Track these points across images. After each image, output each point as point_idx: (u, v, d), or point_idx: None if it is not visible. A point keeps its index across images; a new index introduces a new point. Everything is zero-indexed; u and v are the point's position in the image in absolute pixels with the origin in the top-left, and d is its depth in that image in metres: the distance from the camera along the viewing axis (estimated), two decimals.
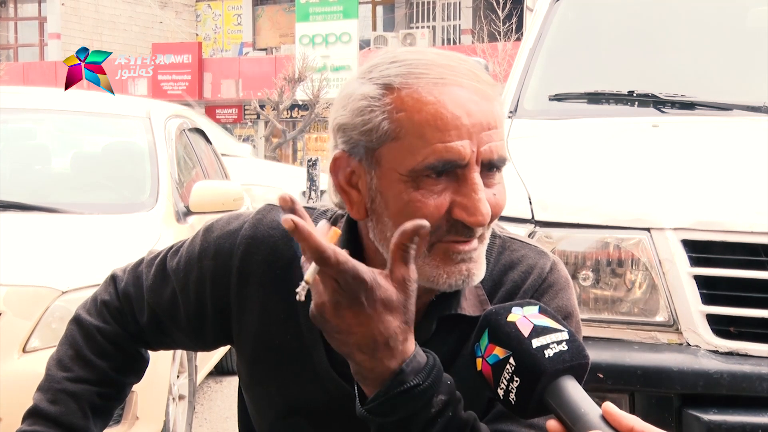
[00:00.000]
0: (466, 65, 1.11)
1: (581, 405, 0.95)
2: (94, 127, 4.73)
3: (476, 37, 21.69)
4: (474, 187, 1.06)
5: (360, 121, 1.09)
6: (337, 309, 0.99)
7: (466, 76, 1.09)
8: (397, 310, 1.00)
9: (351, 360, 1.02)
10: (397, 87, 1.08)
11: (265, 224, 1.25)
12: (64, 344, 1.36)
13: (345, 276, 0.97)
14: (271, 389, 1.26)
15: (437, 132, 1.05)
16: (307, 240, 0.95)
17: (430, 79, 1.07)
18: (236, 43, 27.10)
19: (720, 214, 2.20)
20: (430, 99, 1.06)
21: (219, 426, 4.49)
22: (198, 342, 1.35)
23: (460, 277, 1.09)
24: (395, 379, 1.01)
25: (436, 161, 1.05)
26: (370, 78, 1.10)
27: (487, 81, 1.10)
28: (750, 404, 2.11)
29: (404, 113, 1.07)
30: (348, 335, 1.00)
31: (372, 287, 0.98)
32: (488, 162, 1.08)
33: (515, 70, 3.33)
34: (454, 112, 1.06)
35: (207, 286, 1.26)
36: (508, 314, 1.02)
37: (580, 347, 1.00)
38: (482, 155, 1.07)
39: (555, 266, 1.23)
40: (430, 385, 1.02)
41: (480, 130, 1.06)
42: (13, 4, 27.59)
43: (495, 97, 1.10)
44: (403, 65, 1.09)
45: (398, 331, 1.01)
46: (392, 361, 1.01)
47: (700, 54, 3.30)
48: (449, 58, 1.11)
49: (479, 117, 1.07)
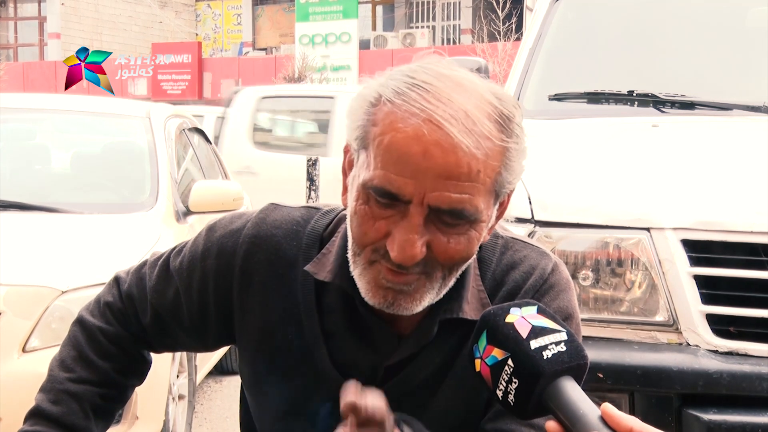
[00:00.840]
0: (471, 108, 1.05)
1: (580, 406, 0.95)
2: (94, 127, 4.73)
3: (476, 36, 21.69)
4: (406, 226, 1.05)
5: (354, 116, 1.12)
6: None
7: (455, 120, 1.04)
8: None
9: None
10: (384, 101, 1.08)
11: (268, 223, 1.25)
12: (67, 345, 1.36)
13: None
14: (273, 389, 1.26)
15: (389, 160, 1.05)
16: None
17: (413, 108, 1.05)
18: (236, 42, 27.10)
19: (720, 214, 2.20)
20: (399, 126, 1.05)
21: (219, 426, 4.49)
22: (201, 342, 1.35)
23: (384, 302, 1.10)
24: None
25: (377, 186, 1.06)
26: (380, 82, 1.11)
27: (486, 135, 1.06)
28: (750, 404, 2.11)
29: (376, 128, 1.07)
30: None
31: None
32: (436, 209, 1.05)
33: (515, 70, 3.33)
34: (412, 149, 1.04)
35: (210, 286, 1.27)
36: (507, 315, 1.02)
37: (579, 348, 1.00)
38: (428, 200, 1.05)
39: (556, 267, 1.23)
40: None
41: (435, 176, 1.04)
42: (13, 3, 27.58)
43: (476, 153, 1.04)
44: (407, 83, 1.07)
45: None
46: None
47: (700, 54, 3.30)
48: (458, 92, 1.06)
49: (438, 163, 1.03)
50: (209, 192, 4.16)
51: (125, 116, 4.61)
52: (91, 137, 4.85)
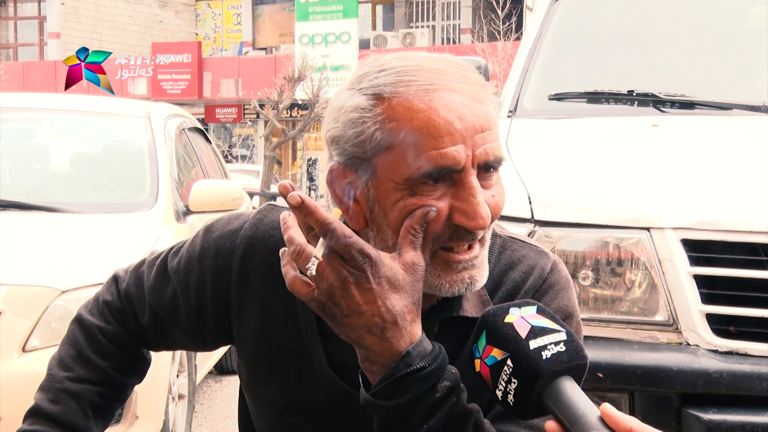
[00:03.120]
0: (456, 67, 1.10)
1: (579, 406, 0.95)
2: (94, 127, 4.73)
3: (476, 36, 21.69)
4: (472, 191, 1.06)
5: (353, 133, 1.08)
6: (345, 288, 1.00)
7: (456, 79, 1.08)
8: (404, 289, 1.02)
9: (360, 345, 1.03)
10: (388, 96, 1.07)
11: (266, 224, 1.25)
12: (66, 344, 1.36)
13: (351, 250, 0.98)
14: (271, 389, 1.26)
15: (430, 139, 1.05)
16: (313, 213, 0.98)
17: (420, 86, 1.06)
18: (236, 42, 27.10)
19: (720, 214, 2.20)
20: (420, 106, 1.05)
21: (219, 425, 4.49)
22: (199, 342, 1.35)
23: (462, 285, 1.10)
24: (402, 361, 1.02)
25: (432, 168, 1.05)
26: (359, 89, 1.09)
27: (477, 82, 1.10)
28: (750, 404, 2.11)
29: (396, 122, 1.06)
30: (358, 317, 1.01)
31: (377, 263, 1.00)
32: (484, 164, 1.07)
33: (515, 70, 3.33)
34: (446, 118, 1.05)
35: (207, 286, 1.27)
36: (506, 315, 1.02)
37: (579, 348, 1.00)
38: (478, 158, 1.06)
39: (556, 266, 1.23)
40: (435, 369, 1.03)
41: (473, 133, 1.06)
42: (13, 3, 27.58)
43: (487, 98, 1.09)
44: (391, 73, 1.08)
45: (406, 310, 1.02)
46: (401, 342, 1.02)
47: (700, 54, 3.30)
48: (438, 61, 1.10)
49: (472, 120, 1.06)
50: (209, 192, 4.16)
51: (125, 116, 4.61)
52: (91, 137, 4.85)
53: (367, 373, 1.05)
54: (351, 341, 1.04)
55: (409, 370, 1.01)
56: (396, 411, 1.03)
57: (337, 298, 1.00)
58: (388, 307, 1.01)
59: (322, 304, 1.01)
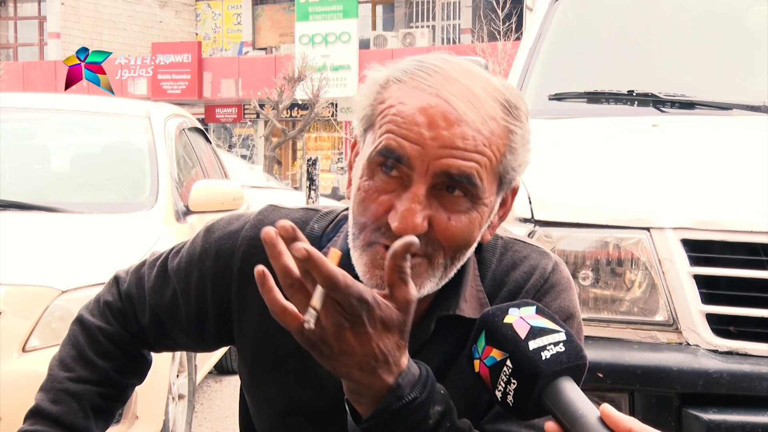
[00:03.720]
0: (475, 87, 1.07)
1: (579, 407, 0.95)
2: (93, 126, 4.74)
3: (476, 36, 21.69)
4: (411, 196, 1.04)
5: (360, 104, 1.13)
6: (340, 331, 0.97)
7: (462, 97, 1.06)
8: (397, 328, 0.99)
9: (348, 379, 1.01)
10: (393, 81, 1.10)
11: (267, 225, 1.25)
12: (67, 344, 1.36)
13: (351, 298, 0.95)
14: (272, 389, 1.26)
15: (395, 127, 1.06)
16: (320, 267, 0.92)
17: (420, 84, 1.07)
18: (236, 42, 27.10)
19: (720, 214, 2.20)
20: (406, 100, 1.07)
21: (219, 425, 4.49)
22: (199, 342, 1.35)
23: (381, 283, 1.06)
24: (392, 394, 1.00)
25: (383, 147, 1.06)
26: (390, 68, 1.12)
27: (486, 113, 1.07)
28: (750, 404, 2.11)
29: (383, 105, 1.09)
30: (349, 357, 0.98)
31: (373, 307, 0.97)
32: (441, 173, 1.05)
33: (515, 70, 3.33)
34: (417, 119, 1.05)
35: (208, 287, 1.26)
36: (505, 315, 1.02)
37: (578, 348, 1.00)
38: (434, 167, 1.04)
39: (557, 267, 1.23)
40: (426, 397, 1.01)
41: (440, 145, 1.04)
42: (13, 3, 27.58)
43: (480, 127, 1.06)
44: (416, 66, 1.10)
45: (395, 347, 0.99)
46: (389, 377, 1.00)
47: (700, 54, 3.30)
48: (465, 76, 1.08)
49: (444, 134, 1.04)
50: (209, 191, 4.16)
51: (125, 116, 4.61)
52: (91, 137, 4.85)
53: (355, 404, 1.03)
54: (338, 375, 1.01)
55: (401, 403, 1.00)
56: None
57: (330, 340, 0.97)
58: (381, 348, 0.98)
59: (312, 342, 0.98)
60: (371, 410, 1.01)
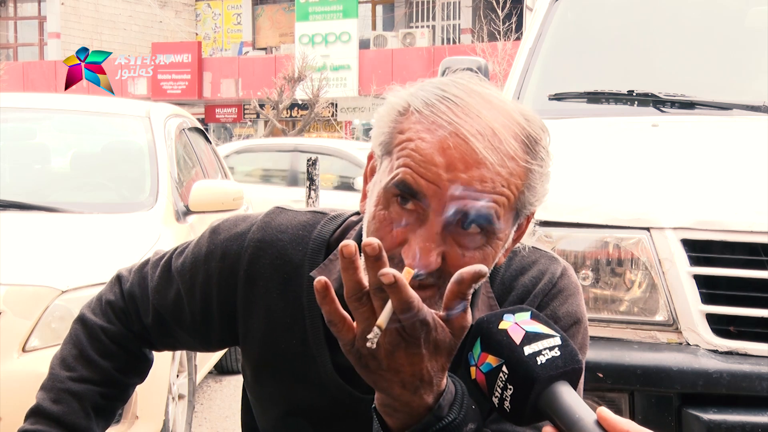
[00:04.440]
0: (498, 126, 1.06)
1: (576, 411, 0.95)
2: (93, 126, 4.74)
3: (476, 36, 21.70)
4: (424, 234, 1.03)
5: (378, 127, 1.11)
6: (394, 351, 0.95)
7: (481, 137, 1.04)
8: (445, 351, 0.98)
9: (387, 394, 0.99)
10: (412, 110, 1.08)
11: (273, 227, 1.25)
12: (68, 343, 1.36)
13: (416, 321, 0.93)
14: (276, 391, 1.26)
15: (414, 162, 1.04)
16: (401, 293, 0.90)
17: (441, 120, 1.05)
18: (236, 42, 27.10)
19: (720, 214, 2.20)
20: (425, 136, 1.05)
21: (219, 425, 4.49)
22: (203, 343, 1.35)
23: None
24: (432, 415, 0.99)
25: (400, 180, 1.04)
26: (410, 92, 1.10)
27: (506, 152, 1.05)
28: (750, 404, 2.11)
29: (402, 136, 1.07)
30: (395, 374, 0.97)
31: (431, 330, 0.95)
32: (462, 215, 1.03)
33: (515, 70, 3.34)
34: (436, 160, 1.03)
35: (213, 288, 1.26)
36: (500, 322, 1.01)
37: (573, 352, 1.00)
38: (452, 205, 1.03)
39: (565, 272, 1.23)
40: (463, 417, 1.01)
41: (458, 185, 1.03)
42: (13, 3, 27.58)
43: (501, 171, 1.04)
44: (437, 95, 1.07)
45: (440, 369, 0.99)
46: (429, 396, 0.98)
47: (700, 54, 3.30)
48: (487, 108, 1.06)
49: (462, 177, 1.03)
50: (209, 191, 4.16)
51: (125, 116, 4.61)
52: (91, 137, 4.85)
53: (385, 416, 1.01)
54: (377, 388, 0.99)
55: (440, 425, 0.99)
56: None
57: (381, 357, 0.96)
58: (428, 369, 0.97)
59: (361, 356, 0.96)
60: (407, 427, 1.00)
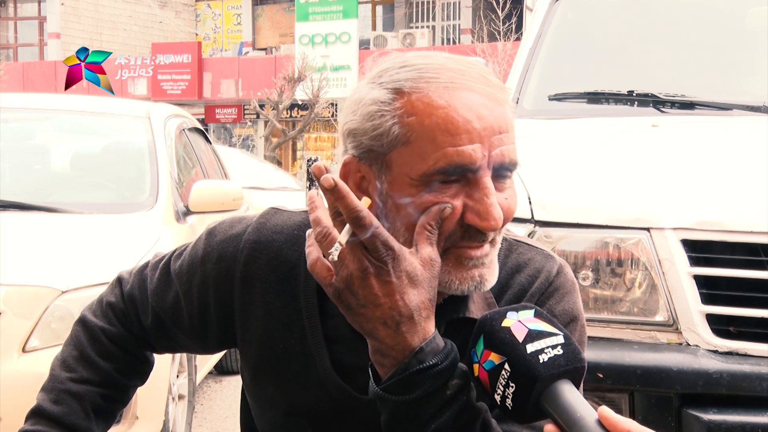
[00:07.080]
0: (476, 69, 1.10)
1: (577, 409, 0.95)
2: (94, 127, 4.74)
3: (476, 36, 21.69)
4: (486, 192, 1.06)
5: (370, 126, 1.09)
6: (365, 278, 1.00)
7: (477, 80, 1.08)
8: (422, 285, 1.02)
9: (373, 337, 1.03)
10: (408, 91, 1.07)
11: (269, 228, 1.25)
12: (69, 345, 1.36)
13: (376, 240, 0.99)
14: (274, 391, 1.26)
15: (448, 136, 1.05)
16: (344, 198, 0.97)
17: (441, 83, 1.07)
18: (236, 42, 27.10)
19: (720, 214, 2.21)
20: (440, 103, 1.06)
21: (219, 426, 4.49)
22: (202, 345, 1.35)
23: (472, 283, 1.09)
24: (414, 356, 1.02)
25: (447, 165, 1.05)
26: (380, 83, 1.10)
27: (497, 85, 1.10)
28: (750, 404, 2.11)
29: (415, 117, 1.06)
30: (374, 308, 1.01)
31: (399, 256, 1.00)
32: (499, 166, 1.07)
33: (515, 70, 3.34)
34: (465, 116, 1.05)
35: (210, 290, 1.26)
36: (503, 319, 1.02)
37: (576, 351, 1.00)
38: (493, 159, 1.06)
39: (562, 269, 1.24)
40: (447, 366, 1.03)
41: (491, 134, 1.06)
42: (13, 3, 27.58)
43: (505, 101, 1.10)
44: (413, 69, 1.09)
45: (422, 306, 1.02)
46: (414, 338, 1.02)
47: (700, 54, 3.30)
48: (459, 62, 1.11)
49: (490, 121, 1.06)
50: (209, 192, 4.16)
51: (125, 116, 4.61)
52: (91, 137, 4.85)
53: (377, 366, 1.05)
54: (363, 332, 1.04)
55: (421, 366, 1.01)
56: (406, 406, 1.03)
57: (356, 288, 1.01)
58: (405, 302, 1.01)
59: (339, 291, 1.02)
60: (391, 371, 1.03)
